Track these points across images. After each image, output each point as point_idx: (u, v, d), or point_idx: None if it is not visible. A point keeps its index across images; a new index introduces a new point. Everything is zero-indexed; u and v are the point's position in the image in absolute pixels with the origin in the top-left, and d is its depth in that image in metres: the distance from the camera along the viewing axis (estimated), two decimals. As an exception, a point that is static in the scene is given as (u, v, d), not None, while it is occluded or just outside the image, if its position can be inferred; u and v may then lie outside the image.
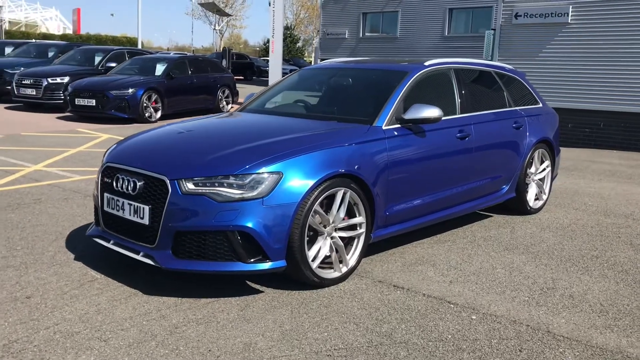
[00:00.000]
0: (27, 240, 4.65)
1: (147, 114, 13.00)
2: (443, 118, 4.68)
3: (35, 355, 2.92)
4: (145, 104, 12.92)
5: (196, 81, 14.69)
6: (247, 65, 39.13)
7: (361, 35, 27.63)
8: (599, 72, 11.71)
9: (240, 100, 15.10)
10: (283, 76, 6.97)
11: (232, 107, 15.66)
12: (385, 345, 3.16)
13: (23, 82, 14.20)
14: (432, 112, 4.42)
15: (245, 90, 17.33)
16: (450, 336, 3.29)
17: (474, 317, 3.54)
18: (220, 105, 15.44)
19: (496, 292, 3.95)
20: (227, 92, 15.76)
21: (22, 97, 14.30)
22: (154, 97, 13.17)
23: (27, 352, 2.94)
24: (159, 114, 13.33)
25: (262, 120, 4.87)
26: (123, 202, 3.84)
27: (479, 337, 3.29)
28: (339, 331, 3.30)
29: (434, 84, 5.11)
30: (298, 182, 3.65)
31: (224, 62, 24.83)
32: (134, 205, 3.76)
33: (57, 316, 3.35)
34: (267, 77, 17.61)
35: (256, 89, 5.22)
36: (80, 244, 4.59)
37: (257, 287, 3.88)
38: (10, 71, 15.35)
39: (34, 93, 14.08)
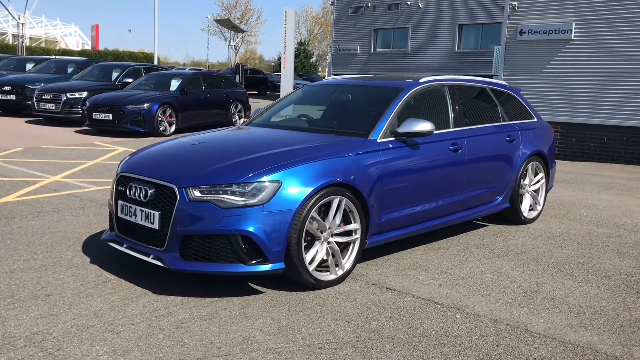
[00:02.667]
0: (46, 245, 4.99)
1: (161, 128, 13.41)
2: (436, 132, 4.99)
3: (54, 345, 3.23)
4: (160, 118, 13.34)
5: (210, 96, 15.11)
6: (261, 80, 39.68)
7: (372, 51, 28.02)
8: (602, 87, 11.94)
9: (252, 114, 15.50)
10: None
11: (243, 121, 16.04)
12: (373, 339, 3.43)
13: (43, 97, 14.70)
14: (425, 126, 4.72)
15: (259, 105, 17.72)
16: (433, 332, 3.55)
17: (457, 317, 3.80)
18: (233, 120, 15.82)
19: (482, 294, 4.21)
20: (239, 106, 16.17)
21: (42, 111, 14.80)
22: (168, 111, 13.60)
23: (47, 342, 3.26)
24: (173, 128, 13.73)
25: (266, 133, 5.19)
26: (135, 209, 4.16)
27: (460, 333, 3.55)
28: (331, 327, 3.58)
29: (428, 100, 5.41)
30: (296, 190, 3.96)
31: (237, 78, 25.30)
32: (145, 211, 4.08)
33: (74, 312, 3.67)
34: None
35: (268, 104, 5.50)
36: (96, 249, 4.92)
37: (258, 287, 4.18)
38: (31, 86, 15.85)
39: (54, 107, 14.58)
